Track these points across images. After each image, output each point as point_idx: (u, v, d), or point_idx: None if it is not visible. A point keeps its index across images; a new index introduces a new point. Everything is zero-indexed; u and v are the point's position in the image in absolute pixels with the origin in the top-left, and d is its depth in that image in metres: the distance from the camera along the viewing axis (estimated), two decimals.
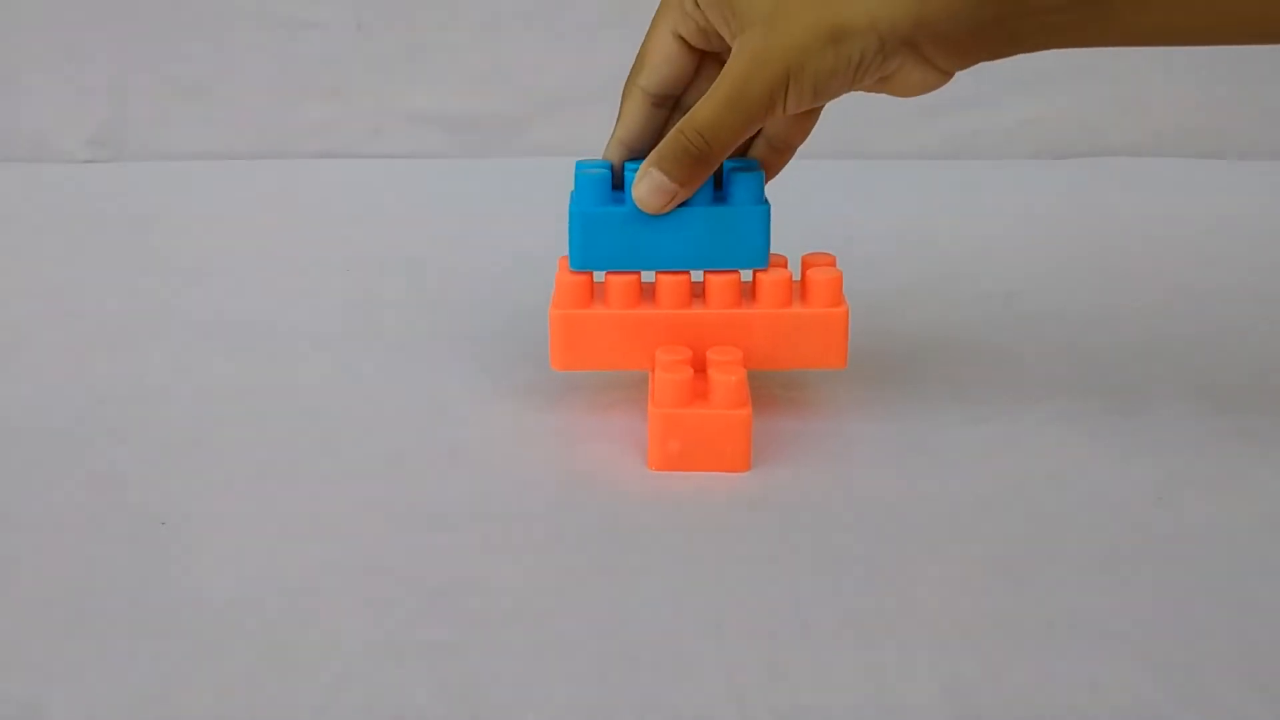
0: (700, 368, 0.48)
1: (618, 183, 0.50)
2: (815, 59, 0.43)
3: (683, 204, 0.48)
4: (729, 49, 0.47)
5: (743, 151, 0.51)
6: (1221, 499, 0.45)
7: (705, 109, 0.46)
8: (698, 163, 0.46)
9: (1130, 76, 0.90)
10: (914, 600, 0.39)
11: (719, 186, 0.50)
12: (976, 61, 0.44)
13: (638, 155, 0.50)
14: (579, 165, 0.50)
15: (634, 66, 0.50)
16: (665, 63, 0.49)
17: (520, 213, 0.60)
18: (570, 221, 0.49)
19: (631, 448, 0.49)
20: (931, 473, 0.47)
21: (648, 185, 0.47)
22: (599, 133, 0.50)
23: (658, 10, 0.49)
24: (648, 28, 0.49)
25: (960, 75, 0.46)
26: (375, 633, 0.38)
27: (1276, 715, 0.34)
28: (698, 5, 0.47)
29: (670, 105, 0.50)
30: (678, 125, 0.46)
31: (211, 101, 0.92)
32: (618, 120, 0.50)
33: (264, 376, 0.56)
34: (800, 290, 0.50)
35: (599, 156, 0.51)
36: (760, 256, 0.49)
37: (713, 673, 0.36)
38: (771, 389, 0.53)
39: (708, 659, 0.37)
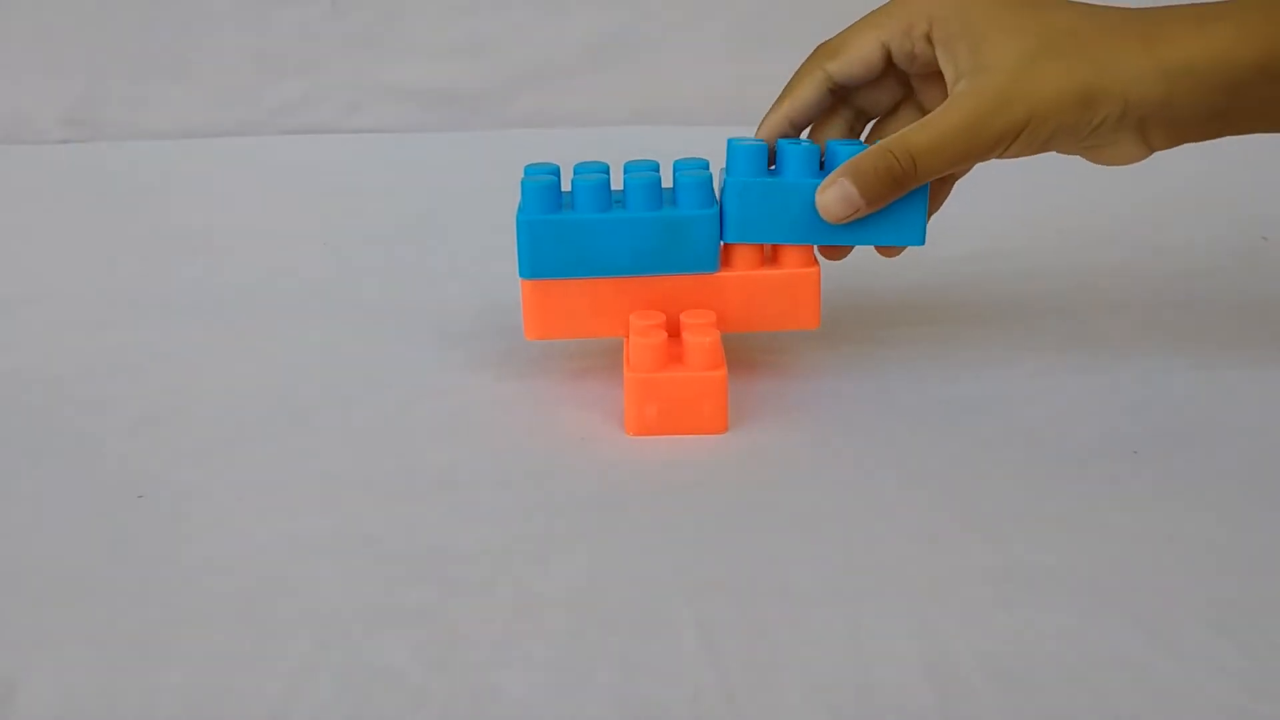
0: (674, 332, 0.48)
1: (771, 158, 0.49)
2: (1060, 114, 0.44)
3: (630, 211, 0.47)
4: (931, 73, 0.47)
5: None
6: (1197, 452, 0.45)
7: (925, 135, 0.45)
8: (896, 185, 0.46)
9: None
10: (892, 558, 0.39)
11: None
12: (1186, 142, 0.45)
13: (797, 132, 0.49)
14: (526, 170, 0.49)
15: (824, 50, 0.49)
16: (862, 63, 0.48)
17: (497, 186, 0.59)
18: (518, 230, 0.48)
19: (609, 413, 0.49)
20: (909, 431, 0.47)
21: (835, 194, 0.46)
22: (577, 104, 0.50)
23: (874, 14, 0.48)
24: (856, 21, 0.48)
25: None
26: (354, 598, 0.38)
27: (1253, 663, 0.34)
28: (928, 38, 0.46)
29: (838, 98, 0.50)
30: (883, 144, 0.45)
31: (187, 79, 0.91)
32: (785, 95, 0.49)
33: (242, 350, 0.56)
34: (771, 252, 0.49)
35: (569, 127, 0.50)
36: (710, 261, 0.48)
37: (691, 632, 0.36)
38: (749, 352, 0.53)
39: (686, 619, 0.37)
